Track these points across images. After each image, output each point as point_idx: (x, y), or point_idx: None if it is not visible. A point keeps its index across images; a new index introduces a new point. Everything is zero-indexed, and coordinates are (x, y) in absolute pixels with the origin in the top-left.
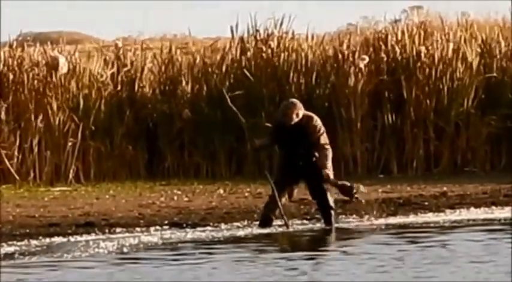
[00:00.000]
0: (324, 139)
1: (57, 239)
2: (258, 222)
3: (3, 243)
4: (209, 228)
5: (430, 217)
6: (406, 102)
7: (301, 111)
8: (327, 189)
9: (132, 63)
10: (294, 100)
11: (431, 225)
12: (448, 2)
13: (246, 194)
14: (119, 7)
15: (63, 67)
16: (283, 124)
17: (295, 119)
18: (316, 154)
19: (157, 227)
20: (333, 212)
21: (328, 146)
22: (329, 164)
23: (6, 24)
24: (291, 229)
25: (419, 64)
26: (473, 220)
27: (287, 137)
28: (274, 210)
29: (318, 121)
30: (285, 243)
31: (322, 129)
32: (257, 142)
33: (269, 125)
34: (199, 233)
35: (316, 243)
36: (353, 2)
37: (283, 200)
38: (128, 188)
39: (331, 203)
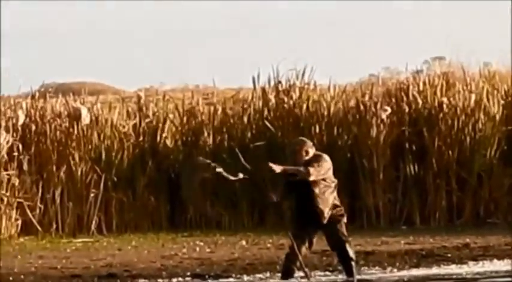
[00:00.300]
0: (330, 176)
1: None
2: (280, 274)
3: None
4: (231, 279)
5: (452, 269)
6: (428, 153)
7: (311, 149)
8: (346, 240)
9: (154, 113)
10: (303, 138)
11: (454, 277)
12: (470, 53)
13: (268, 245)
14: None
15: (86, 118)
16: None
17: (305, 157)
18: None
19: (180, 279)
20: (353, 263)
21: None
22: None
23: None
24: (312, 280)
25: (441, 115)
26: (496, 272)
27: (298, 181)
28: (295, 261)
29: (326, 159)
30: None
31: (328, 164)
32: (274, 196)
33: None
34: None
35: None
36: (375, 53)
37: (304, 250)
38: (150, 239)
39: (352, 254)
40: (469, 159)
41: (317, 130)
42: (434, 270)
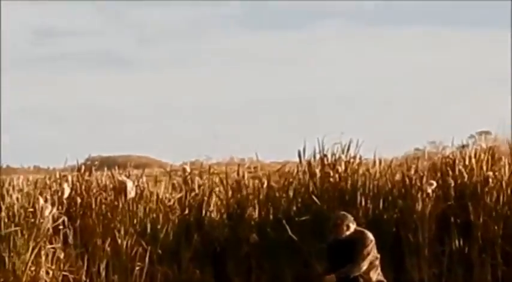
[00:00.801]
0: (373, 252)
1: None
2: None
3: None
4: None
5: None
6: (473, 227)
7: (352, 224)
8: None
9: (199, 187)
10: (345, 213)
11: None
12: None
13: None
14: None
15: (131, 191)
16: (335, 241)
17: (346, 232)
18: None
19: None
20: None
21: (374, 260)
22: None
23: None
24: None
25: (486, 189)
26: None
27: (340, 255)
28: None
29: (368, 235)
30: None
31: (372, 243)
32: (320, 269)
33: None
34: None
35: None
36: (420, 127)
37: None
38: None
39: None
40: None
41: (363, 204)
42: None
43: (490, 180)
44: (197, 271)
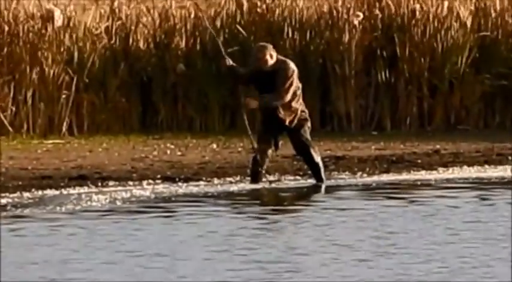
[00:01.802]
0: (296, 83)
1: (50, 192)
2: (249, 178)
3: None
4: (202, 182)
5: (422, 175)
6: (400, 60)
7: (273, 52)
8: (310, 145)
9: (126, 16)
10: (264, 44)
11: (424, 182)
12: None
13: (239, 149)
14: None
15: (58, 20)
16: (259, 68)
17: (270, 62)
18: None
19: (150, 181)
20: (321, 168)
21: (296, 90)
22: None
23: None
24: (283, 185)
25: (413, 21)
26: (466, 178)
27: (262, 83)
28: (262, 164)
29: (291, 65)
30: (271, 198)
31: (295, 73)
32: (229, 62)
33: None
34: (191, 188)
35: (301, 198)
36: None
37: (270, 152)
38: (121, 141)
39: (317, 158)
40: (441, 66)
41: (289, 35)
42: (404, 176)
43: (417, 12)
44: (123, 100)
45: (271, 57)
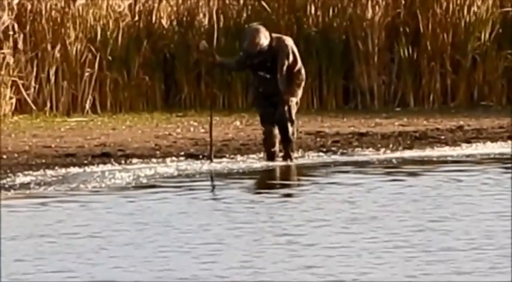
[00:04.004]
0: (296, 60)
1: (73, 170)
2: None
3: (19, 173)
4: (225, 160)
5: (446, 151)
6: (422, 36)
7: (267, 33)
8: (289, 119)
9: None
10: (256, 25)
11: (447, 158)
12: None
13: None
14: None
15: None
16: (253, 51)
17: (265, 43)
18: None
19: (173, 158)
20: (292, 144)
21: (299, 69)
22: (298, 91)
23: None
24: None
25: None
26: (489, 154)
27: (259, 64)
28: (273, 144)
29: (288, 41)
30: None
31: (293, 49)
32: (217, 58)
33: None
34: (215, 165)
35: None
36: None
37: (276, 131)
38: (145, 119)
39: (291, 135)
40: (463, 42)
41: (312, 11)
42: (428, 152)
43: None
44: (146, 78)
45: (266, 38)
